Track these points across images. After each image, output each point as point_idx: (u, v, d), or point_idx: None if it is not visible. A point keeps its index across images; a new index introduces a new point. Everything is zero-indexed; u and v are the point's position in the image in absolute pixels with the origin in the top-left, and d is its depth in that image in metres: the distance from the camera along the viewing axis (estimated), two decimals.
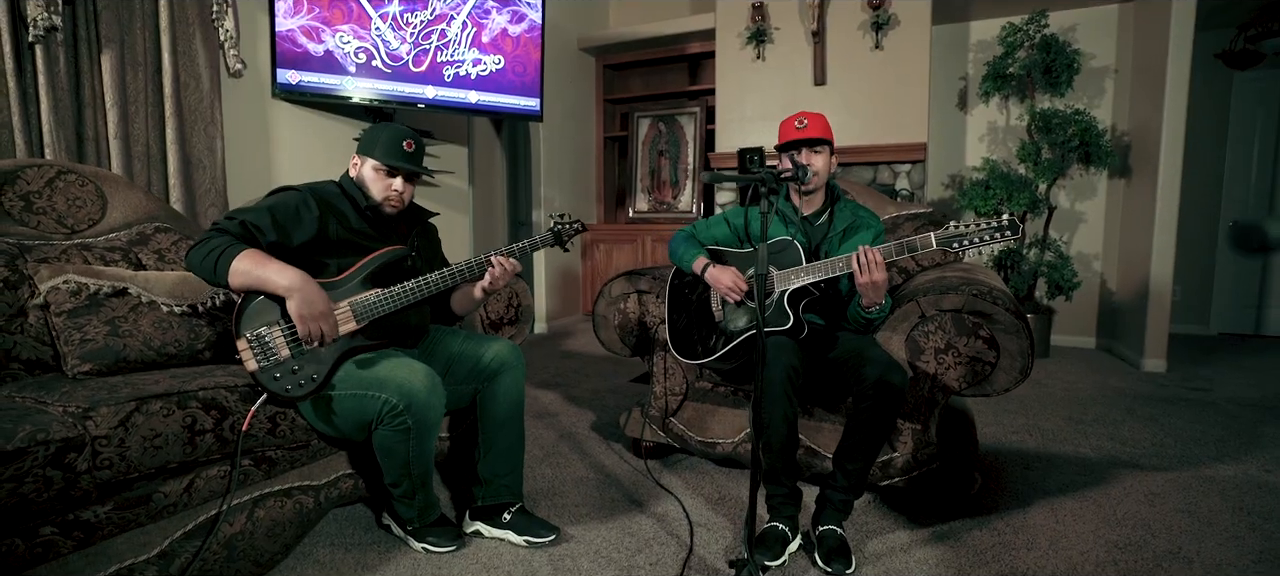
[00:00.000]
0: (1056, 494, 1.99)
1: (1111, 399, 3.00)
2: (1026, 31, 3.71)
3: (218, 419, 1.40)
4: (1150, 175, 3.53)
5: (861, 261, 1.62)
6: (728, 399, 2.13)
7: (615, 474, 2.18)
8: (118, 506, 1.25)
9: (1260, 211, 4.39)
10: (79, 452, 1.18)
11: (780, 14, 4.19)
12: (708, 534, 1.75)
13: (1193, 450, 2.36)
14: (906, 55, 3.88)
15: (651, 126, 5.12)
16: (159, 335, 1.60)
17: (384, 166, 1.64)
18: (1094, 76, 3.93)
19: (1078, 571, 1.57)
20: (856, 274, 1.63)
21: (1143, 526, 1.79)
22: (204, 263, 1.41)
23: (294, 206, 1.55)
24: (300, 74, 2.68)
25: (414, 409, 1.46)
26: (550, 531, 1.70)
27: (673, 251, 2.04)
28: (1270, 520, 1.83)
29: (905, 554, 1.65)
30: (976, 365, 1.76)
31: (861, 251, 1.63)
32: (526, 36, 3.21)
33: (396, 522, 1.71)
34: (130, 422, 1.26)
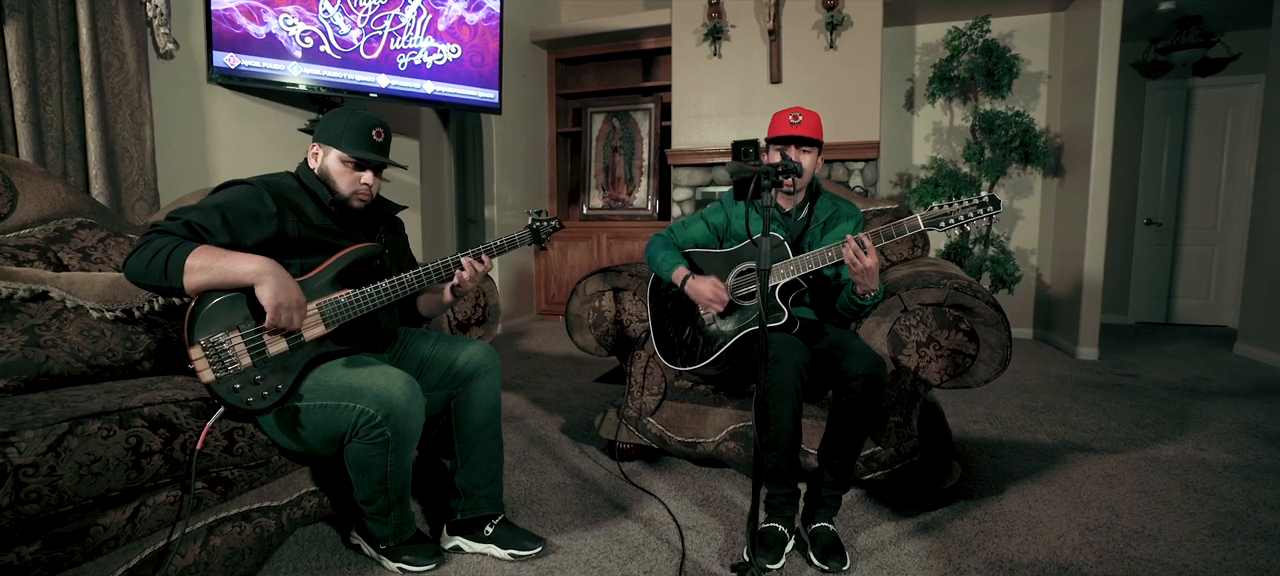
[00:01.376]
0: (1024, 480, 2.06)
1: (1056, 386, 3.16)
2: (970, 36, 3.87)
3: (167, 438, 1.24)
4: (1082, 175, 3.75)
5: (853, 248, 1.61)
6: (708, 398, 2.09)
7: (593, 478, 2.10)
8: (47, 544, 1.08)
9: (1170, 208, 4.75)
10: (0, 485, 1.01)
11: (737, 12, 4.20)
12: (698, 537, 1.71)
13: (1135, 432, 2.50)
14: (859, 56, 3.96)
15: (605, 122, 5.04)
16: (88, 344, 1.41)
17: (352, 159, 1.50)
18: (1030, 81, 4.14)
19: (1057, 555, 1.61)
20: (851, 261, 1.63)
21: (1107, 508, 1.87)
22: (150, 267, 1.25)
23: (247, 203, 1.40)
24: (240, 57, 2.46)
25: (393, 419, 1.34)
26: (536, 543, 1.61)
27: (651, 258, 1.98)
28: (1214, 495, 1.95)
29: (895, 547, 1.66)
30: (958, 358, 1.79)
31: (851, 239, 1.62)
32: (485, 25, 3.06)
33: (367, 542, 1.58)
34: (62, 447, 1.09)
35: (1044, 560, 1.59)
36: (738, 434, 2.00)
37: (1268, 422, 2.61)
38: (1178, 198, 4.72)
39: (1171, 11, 4.05)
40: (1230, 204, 4.61)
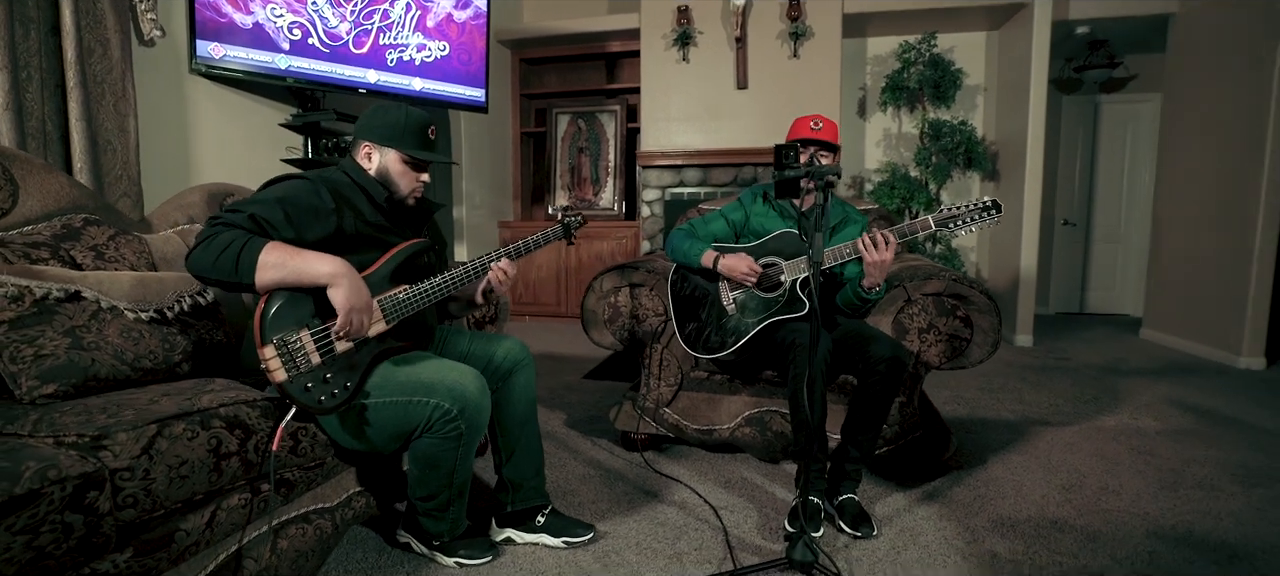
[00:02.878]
0: (1000, 451, 2.29)
1: (1005, 370, 3.49)
2: (920, 50, 4.19)
3: (242, 439, 1.21)
4: (1016, 179, 4.14)
5: (873, 242, 1.75)
6: (722, 387, 2.20)
7: (615, 468, 2.16)
8: (138, 551, 1.04)
9: (1083, 210, 5.30)
10: (99, 490, 0.97)
11: (704, 18, 4.35)
12: (734, 516, 1.81)
13: (1080, 407, 2.82)
14: (820, 64, 4.20)
15: (571, 123, 5.07)
16: (130, 347, 1.34)
17: (411, 159, 1.50)
18: (969, 92, 4.52)
19: (1046, 512, 1.83)
20: (866, 255, 1.77)
21: (1074, 471, 2.12)
22: (220, 261, 1.21)
23: (306, 198, 1.38)
24: (225, 47, 2.34)
25: (468, 413, 1.36)
26: (587, 530, 1.66)
27: (676, 249, 2.06)
28: (1155, 455, 2.25)
29: (909, 513, 1.83)
30: (955, 342, 1.98)
31: (870, 235, 1.77)
32: (472, 24, 3.04)
33: (418, 539, 1.58)
34: (154, 449, 1.06)
35: (1037, 517, 1.80)
36: (752, 420, 2.12)
37: (1181, 395, 3.01)
38: (1088, 200, 5.28)
39: (1086, 34, 4.54)
40: (1132, 206, 5.20)
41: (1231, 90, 3.59)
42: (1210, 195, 3.76)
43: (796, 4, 4.14)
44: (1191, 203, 3.92)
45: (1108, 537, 1.69)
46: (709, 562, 1.57)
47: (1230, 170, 3.60)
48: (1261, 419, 2.67)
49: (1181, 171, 4.02)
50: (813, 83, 4.21)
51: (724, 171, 4.49)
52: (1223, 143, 3.66)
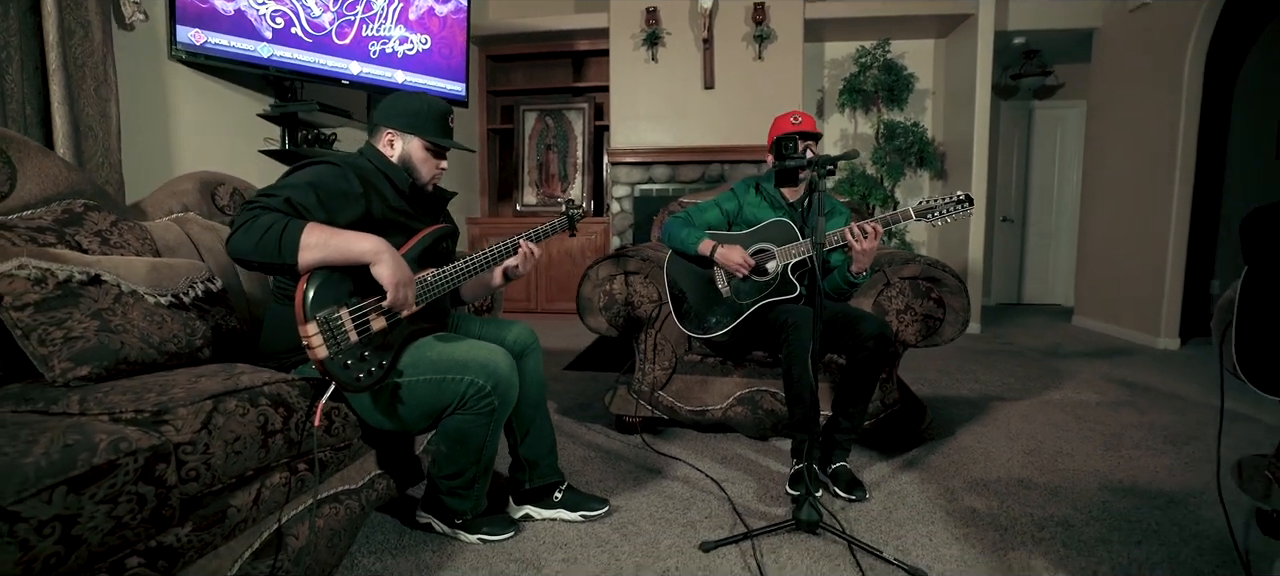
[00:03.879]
0: (966, 424, 2.49)
1: (959, 354, 3.75)
2: (875, 55, 4.43)
3: (285, 417, 1.23)
4: (963, 177, 4.44)
5: (861, 231, 1.89)
6: (714, 369, 2.31)
7: (614, 450, 2.24)
8: (197, 526, 1.05)
9: (1019, 207, 5.71)
10: (167, 463, 0.98)
11: (672, 19, 4.46)
12: (735, 487, 1.92)
13: (1028, 385, 3.08)
14: (783, 66, 4.39)
15: (539, 120, 5.09)
16: (155, 330, 1.33)
17: (433, 146, 1.54)
18: (919, 96, 4.81)
19: (1012, 472, 2.02)
20: (854, 244, 1.90)
21: (1033, 438, 2.33)
22: (262, 243, 1.23)
23: (335, 182, 1.40)
24: (206, 34, 2.28)
25: (500, 389, 1.41)
26: (602, 504, 1.73)
27: (673, 236, 2.16)
28: (1098, 424, 2.49)
29: (894, 479, 1.98)
30: (929, 321, 2.16)
31: (857, 225, 1.91)
32: (453, 18, 3.04)
33: (439, 519, 1.61)
34: (212, 425, 1.07)
35: (1006, 477, 1.99)
36: (743, 399, 2.24)
37: (1113, 372, 3.32)
38: (1024, 198, 5.69)
39: (1022, 45, 4.90)
40: (1062, 204, 5.64)
41: (1148, 98, 3.98)
42: (1130, 194, 4.15)
43: (761, 8, 4.31)
44: (1114, 201, 4.31)
45: (1067, 491, 1.89)
46: (721, 527, 1.66)
47: (1147, 170, 3.98)
48: (1180, 390, 2.98)
49: (1105, 172, 4.41)
50: (776, 84, 4.39)
51: (692, 168, 4.62)
52: (1140, 145, 4.04)
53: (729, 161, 4.55)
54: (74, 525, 0.84)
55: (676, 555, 1.54)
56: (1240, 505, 1.74)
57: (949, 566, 1.49)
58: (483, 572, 1.46)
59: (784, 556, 1.52)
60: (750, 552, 1.54)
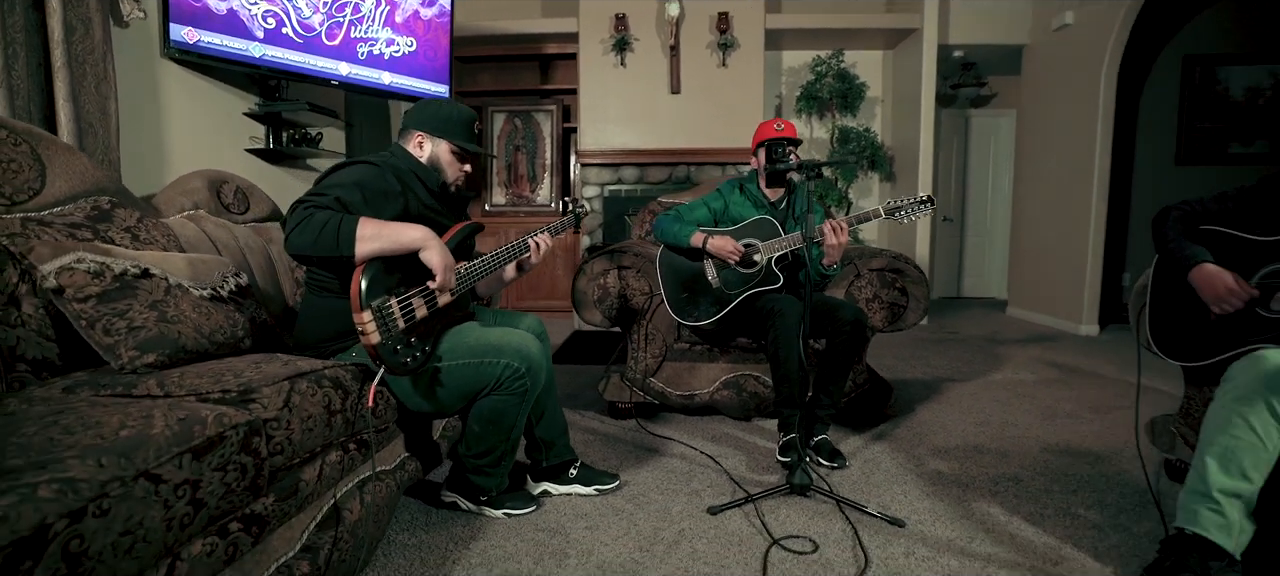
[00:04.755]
0: (923, 402, 2.76)
1: (911, 343, 4.07)
2: (830, 64, 4.73)
3: (343, 398, 1.33)
4: (910, 180, 4.79)
5: (835, 228, 2.10)
6: (702, 356, 2.49)
7: (610, 433, 2.38)
8: (278, 498, 1.15)
9: (957, 208, 6.16)
10: (259, 436, 1.08)
11: (640, 26, 4.63)
12: (729, 461, 2.10)
13: (974, 368, 3.41)
14: (746, 73, 4.63)
15: (507, 122, 5.17)
16: (205, 321, 1.40)
17: (460, 150, 1.65)
18: (870, 103, 5.15)
19: (967, 440, 2.28)
20: (829, 238, 2.11)
21: (982, 412, 2.62)
22: (321, 238, 1.32)
23: (377, 182, 1.51)
24: (199, 32, 2.30)
25: (533, 370, 1.54)
26: (613, 479, 1.88)
27: (666, 231, 2.32)
28: (1035, 399, 2.81)
29: (866, 449, 2.21)
30: (894, 308, 2.40)
31: (831, 221, 2.12)
32: (437, 21, 3.10)
33: (465, 497, 1.73)
34: (291, 403, 1.17)
35: (964, 444, 2.25)
36: (729, 383, 2.43)
37: (1045, 355, 3.70)
38: (963, 199, 6.15)
39: (960, 58, 5.32)
40: (996, 205, 6.12)
41: (1069, 108, 4.42)
42: (1055, 196, 4.59)
43: (725, 17, 4.53)
44: (1041, 201, 4.75)
45: (1014, 454, 2.16)
46: (723, 494, 1.84)
47: (1070, 174, 4.42)
48: (1101, 369, 3.37)
49: (1033, 175, 4.85)
50: (740, 90, 4.63)
51: (660, 170, 4.80)
52: (1064, 151, 4.48)
53: (695, 163, 4.75)
54: (198, 488, 0.93)
55: (687, 519, 1.70)
56: (1152, 458, 2.05)
57: (923, 517, 1.71)
58: (514, 541, 1.59)
59: (782, 515, 1.71)
60: (753, 514, 1.72)
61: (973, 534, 1.62)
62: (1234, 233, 1.61)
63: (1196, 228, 1.67)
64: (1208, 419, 1.42)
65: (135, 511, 0.84)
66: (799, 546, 1.55)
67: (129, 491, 0.83)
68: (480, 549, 1.55)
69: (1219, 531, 1.34)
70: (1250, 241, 1.57)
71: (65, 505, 0.75)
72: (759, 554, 1.51)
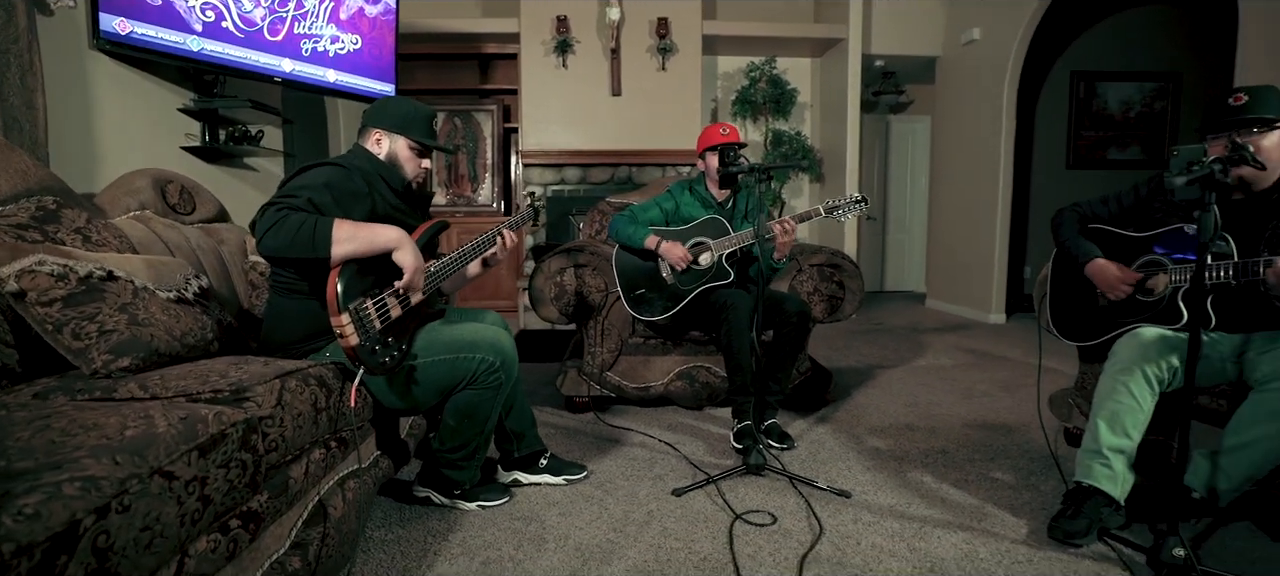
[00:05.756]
0: (858, 387, 2.99)
1: (842, 334, 4.35)
2: (763, 69, 4.97)
3: (327, 396, 1.35)
4: (838, 181, 5.10)
5: (784, 227, 2.26)
6: (656, 349, 2.60)
7: (571, 427, 2.46)
8: (271, 494, 1.16)
9: (879, 208, 6.58)
10: (257, 433, 1.10)
11: (582, 28, 4.70)
12: (686, 447, 2.23)
13: (901, 355, 3.70)
14: (684, 77, 4.79)
15: (446, 121, 5.10)
16: (175, 324, 1.38)
17: (418, 146, 1.68)
18: (800, 108, 5.43)
19: (899, 420, 2.51)
20: (781, 234, 2.26)
21: (911, 394, 2.87)
22: (296, 240, 1.34)
23: (345, 183, 1.53)
24: (132, 23, 2.19)
25: (506, 365, 1.60)
26: (581, 469, 1.96)
27: (620, 232, 2.42)
28: (955, 380, 3.11)
29: (812, 431, 2.39)
30: (833, 300, 2.60)
31: (779, 221, 2.28)
32: (382, 19, 3.06)
33: (439, 492, 1.76)
34: (283, 401, 1.19)
35: (897, 423, 2.47)
36: (682, 375, 2.56)
37: (960, 342, 4.05)
38: (884, 200, 6.57)
39: (881, 67, 5.70)
40: (914, 205, 6.58)
41: (977, 116, 4.84)
42: (965, 194, 5.01)
43: (665, 22, 4.67)
44: (953, 202, 5.17)
45: (941, 430, 2.40)
46: (684, 478, 1.96)
47: (978, 175, 4.84)
48: (1009, 353, 3.74)
49: (946, 177, 5.27)
50: (678, 93, 4.78)
51: (602, 170, 4.89)
52: (973, 154, 4.91)
53: (636, 164, 4.87)
54: (206, 485, 0.95)
55: (655, 501, 1.81)
56: (1054, 427, 2.33)
57: (866, 488, 1.89)
58: (491, 530, 1.65)
59: (742, 493, 1.85)
60: (715, 493, 1.85)
61: (909, 499, 1.81)
62: (1116, 230, 1.87)
63: (1087, 227, 1.94)
64: (1098, 389, 1.66)
65: (153, 508, 0.85)
66: (760, 519, 1.69)
67: (146, 488, 0.85)
68: (459, 539, 1.60)
69: (1108, 482, 1.58)
70: (1129, 237, 1.83)
71: (91, 502, 0.77)
72: (724, 528, 1.64)
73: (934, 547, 1.55)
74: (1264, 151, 1.57)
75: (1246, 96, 1.59)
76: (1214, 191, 1.32)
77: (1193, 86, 5.42)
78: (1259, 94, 1.58)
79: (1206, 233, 1.33)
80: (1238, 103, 1.58)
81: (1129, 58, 5.33)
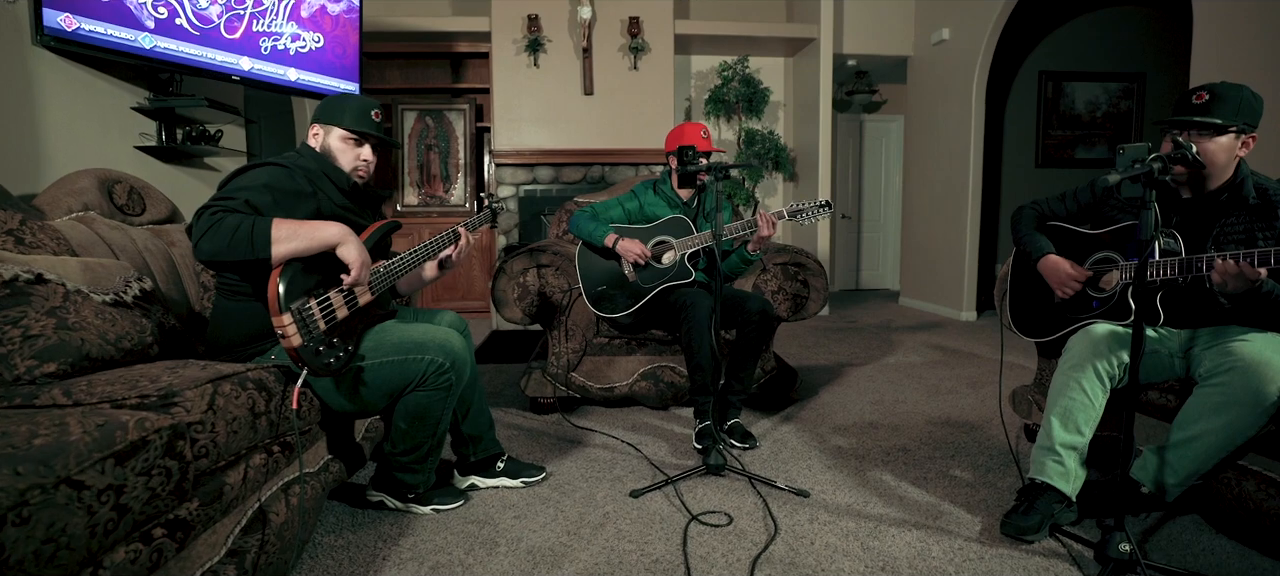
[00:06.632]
0: (825, 386, 3.01)
1: (814, 332, 4.37)
2: (736, 69, 4.98)
3: (267, 400, 1.32)
4: (811, 180, 5.13)
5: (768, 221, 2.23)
6: (620, 349, 2.59)
7: (534, 428, 2.44)
8: (202, 502, 1.13)
9: (855, 206, 6.62)
10: (184, 439, 1.07)
11: (553, 27, 4.67)
12: (649, 448, 2.22)
13: (871, 353, 3.72)
14: (656, 76, 4.78)
15: (418, 120, 5.05)
16: (110, 328, 1.34)
17: (353, 135, 1.65)
18: (774, 107, 5.45)
19: (864, 418, 2.52)
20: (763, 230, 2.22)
21: (877, 392, 2.89)
22: (233, 242, 1.31)
23: (287, 183, 1.50)
24: (78, 19, 2.13)
25: (457, 366, 1.58)
26: (540, 471, 1.95)
27: (581, 229, 2.40)
28: (922, 378, 3.13)
29: (775, 430, 2.39)
30: (797, 299, 2.61)
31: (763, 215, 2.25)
32: (346, 17, 3.00)
33: (392, 496, 1.73)
34: (215, 405, 1.15)
35: (860, 421, 2.48)
36: (647, 374, 2.55)
37: (931, 339, 4.09)
38: (859, 198, 6.62)
39: (854, 67, 5.73)
40: (888, 203, 6.64)
41: (948, 115, 4.89)
42: (937, 193, 5.06)
43: (636, 22, 4.66)
44: (926, 200, 5.22)
45: (904, 427, 2.41)
46: (644, 479, 1.95)
47: (949, 174, 4.89)
48: (978, 350, 3.78)
49: (919, 175, 5.32)
50: (650, 92, 4.78)
51: (574, 170, 4.87)
52: (944, 154, 4.96)
53: (609, 163, 4.86)
54: (122, 494, 0.92)
55: (611, 503, 1.80)
56: (1016, 423, 2.35)
57: (825, 488, 1.89)
58: (443, 534, 1.62)
59: (699, 493, 1.84)
60: (672, 494, 1.84)
61: (867, 499, 1.82)
62: (1072, 227, 1.89)
63: (1046, 224, 1.96)
64: (1052, 385, 1.67)
65: (58, 518, 0.82)
66: (715, 520, 1.68)
67: (50, 498, 0.82)
68: (410, 544, 1.57)
69: (1060, 479, 1.60)
70: (1085, 234, 1.86)
71: None
72: (679, 529, 1.63)
73: (887, 546, 1.56)
74: (1210, 154, 1.58)
75: (1208, 95, 1.58)
76: (1154, 189, 1.34)
77: (1157, 86, 5.53)
78: (1222, 96, 1.55)
79: (1146, 231, 1.35)
80: (1198, 100, 1.59)
81: (1095, 58, 5.43)
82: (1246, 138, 1.58)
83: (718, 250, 1.96)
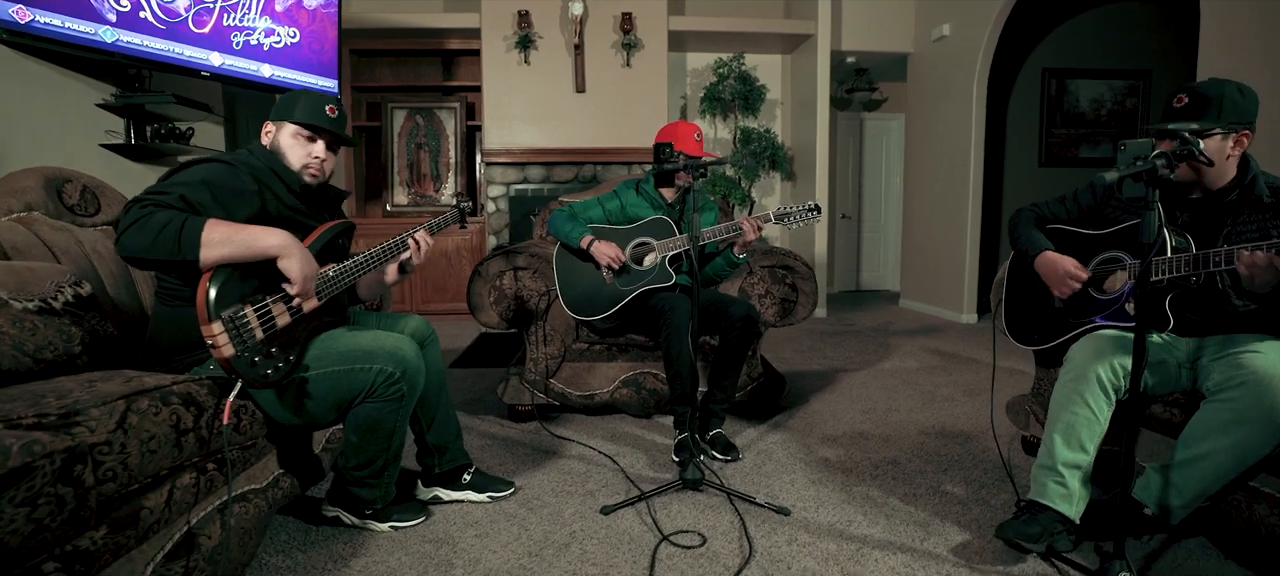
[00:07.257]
0: (816, 392, 2.90)
1: (810, 336, 4.26)
2: (732, 66, 4.87)
3: (196, 415, 1.23)
4: (809, 179, 5.02)
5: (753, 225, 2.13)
6: (600, 355, 2.49)
7: (511, 437, 2.34)
8: (111, 528, 1.04)
9: (855, 206, 6.50)
10: (83, 464, 0.97)
11: (544, 25, 4.58)
12: (626, 459, 2.12)
13: (866, 357, 3.61)
14: (649, 73, 4.68)
15: (408, 119, 4.97)
16: (27, 337, 1.25)
17: (305, 130, 1.56)
18: (770, 105, 5.34)
19: (854, 427, 2.42)
20: (748, 233, 2.13)
21: (869, 399, 2.78)
22: (159, 240, 1.22)
23: (229, 180, 1.40)
24: (32, 11, 2.04)
25: (408, 375, 1.48)
26: (508, 485, 1.85)
27: (558, 229, 2.31)
28: (918, 384, 3.02)
29: (761, 440, 2.29)
30: (785, 303, 2.50)
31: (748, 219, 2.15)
32: (323, 12, 2.92)
33: (348, 511, 1.64)
34: (127, 424, 1.06)
35: (849, 431, 2.37)
36: (628, 381, 2.45)
37: (929, 343, 3.98)
38: (859, 198, 6.50)
39: (853, 64, 5.62)
40: (888, 203, 6.51)
41: (948, 113, 4.77)
42: (938, 193, 4.94)
43: (629, 18, 4.56)
44: (927, 200, 5.10)
45: (896, 438, 2.30)
46: (617, 494, 1.85)
47: (950, 174, 4.77)
48: (977, 355, 3.66)
49: (919, 175, 5.20)
50: (643, 90, 4.67)
51: (566, 169, 4.77)
52: (945, 153, 4.84)
53: (601, 162, 4.76)
54: None
55: (580, 520, 1.70)
56: (1011, 435, 2.25)
57: (808, 504, 1.79)
58: (398, 554, 1.53)
59: (674, 510, 1.74)
60: (645, 511, 1.74)
61: (852, 517, 1.71)
62: (1074, 229, 1.78)
63: (1045, 227, 1.85)
64: (1053, 398, 1.56)
65: None
66: (687, 541, 1.58)
67: None
68: (361, 565, 1.48)
69: (1062, 501, 1.49)
70: (1086, 235, 1.74)
71: None
72: (648, 551, 1.53)
73: (869, 572, 1.45)
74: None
75: (1187, 98, 1.48)
76: (1157, 187, 1.24)
77: (1163, 84, 5.39)
78: (1204, 96, 1.45)
79: (1149, 232, 1.24)
80: (1178, 105, 1.49)
81: (1099, 55, 5.29)
82: (1238, 135, 1.47)
83: (695, 253, 1.86)
